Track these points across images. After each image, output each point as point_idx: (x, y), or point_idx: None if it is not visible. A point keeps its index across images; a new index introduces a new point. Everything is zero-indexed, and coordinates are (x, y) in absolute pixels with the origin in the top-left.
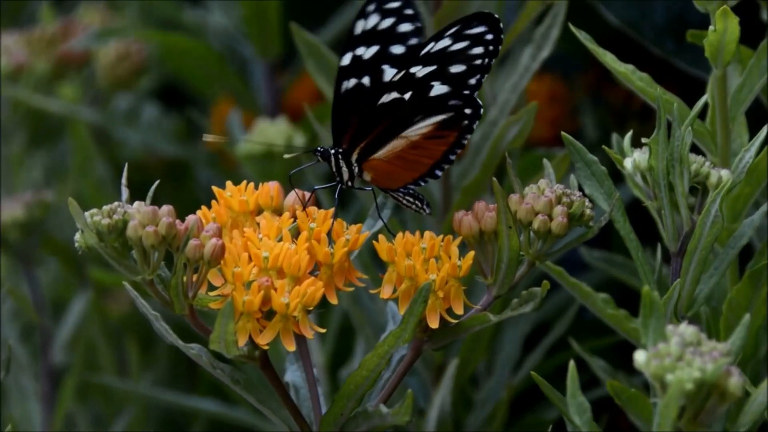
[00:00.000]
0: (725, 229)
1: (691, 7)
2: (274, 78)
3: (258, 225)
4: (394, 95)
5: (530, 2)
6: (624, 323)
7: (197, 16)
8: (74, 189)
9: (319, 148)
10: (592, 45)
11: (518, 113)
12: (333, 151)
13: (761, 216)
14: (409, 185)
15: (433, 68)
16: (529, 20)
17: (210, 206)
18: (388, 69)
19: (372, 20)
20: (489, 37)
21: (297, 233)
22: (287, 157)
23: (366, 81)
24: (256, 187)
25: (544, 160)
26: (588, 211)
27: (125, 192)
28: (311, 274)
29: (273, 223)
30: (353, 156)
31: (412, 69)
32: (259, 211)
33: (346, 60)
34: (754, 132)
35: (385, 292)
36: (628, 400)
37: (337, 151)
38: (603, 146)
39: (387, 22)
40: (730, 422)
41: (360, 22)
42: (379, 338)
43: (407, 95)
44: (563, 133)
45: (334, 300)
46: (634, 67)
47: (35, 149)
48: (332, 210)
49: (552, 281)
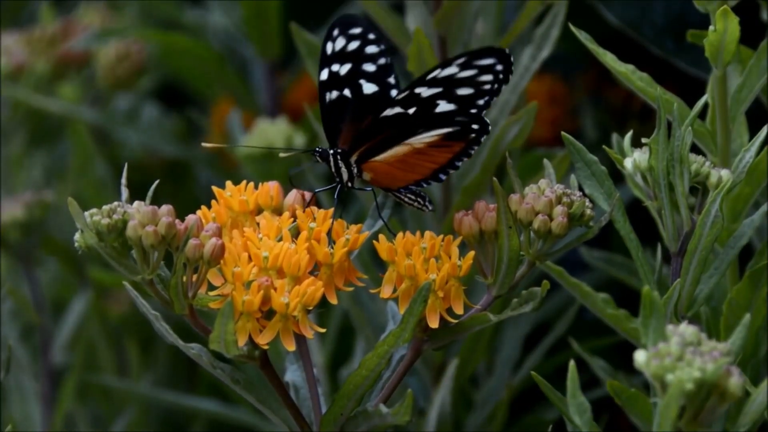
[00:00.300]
0: (725, 229)
1: (691, 7)
2: (274, 78)
3: (258, 225)
4: (398, 110)
5: (530, 2)
6: (624, 323)
7: (197, 16)
8: (74, 189)
9: (318, 149)
10: (592, 45)
11: (518, 113)
12: (332, 152)
13: (761, 216)
14: (411, 186)
15: (439, 90)
16: (529, 20)
17: (210, 206)
18: (365, 83)
19: (339, 43)
20: (499, 68)
21: (297, 233)
22: (284, 156)
23: (347, 93)
24: (256, 187)
25: (545, 160)
26: (588, 211)
27: (125, 192)
28: (311, 274)
29: (273, 223)
30: (353, 157)
31: (417, 89)
32: (259, 211)
33: (324, 75)
34: (754, 132)
35: (385, 292)
36: (628, 400)
37: (336, 152)
38: (603, 146)
39: (353, 45)
40: (730, 422)
41: (329, 44)
42: (379, 338)
43: (411, 110)
44: (563, 133)
45: (334, 300)
46: (634, 67)
47: (35, 149)
48: (332, 209)
49: (552, 281)
